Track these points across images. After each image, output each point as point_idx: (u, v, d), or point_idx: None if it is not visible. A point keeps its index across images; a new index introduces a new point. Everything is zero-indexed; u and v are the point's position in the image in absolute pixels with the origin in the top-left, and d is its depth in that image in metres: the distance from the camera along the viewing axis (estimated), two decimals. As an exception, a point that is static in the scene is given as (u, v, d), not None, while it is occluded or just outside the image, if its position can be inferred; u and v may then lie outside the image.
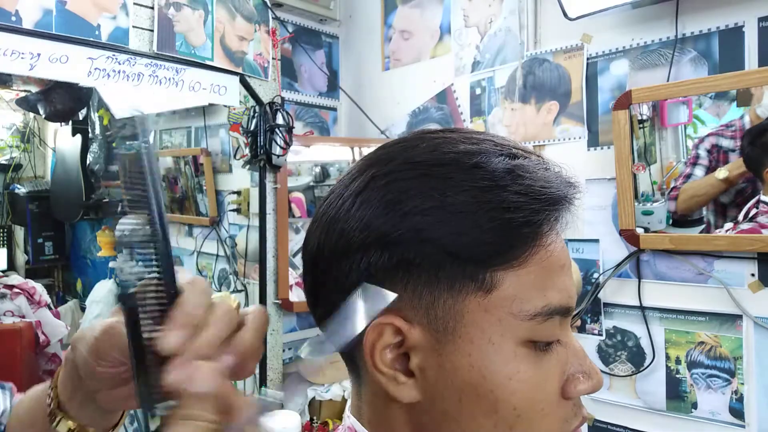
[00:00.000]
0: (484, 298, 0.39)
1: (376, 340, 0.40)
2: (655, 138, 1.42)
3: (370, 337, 0.40)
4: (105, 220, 2.71)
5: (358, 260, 0.40)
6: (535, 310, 0.39)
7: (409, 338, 0.40)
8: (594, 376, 0.43)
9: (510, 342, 0.39)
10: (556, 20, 1.50)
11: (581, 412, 0.43)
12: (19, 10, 1.24)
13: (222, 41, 1.65)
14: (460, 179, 0.39)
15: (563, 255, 0.42)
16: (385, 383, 0.41)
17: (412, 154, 0.42)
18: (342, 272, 0.41)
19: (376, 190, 0.41)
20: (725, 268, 1.28)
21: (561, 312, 0.41)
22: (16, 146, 3.05)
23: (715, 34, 1.29)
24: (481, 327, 0.39)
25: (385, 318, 0.40)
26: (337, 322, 0.43)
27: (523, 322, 0.39)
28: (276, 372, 1.84)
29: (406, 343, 0.40)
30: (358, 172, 0.43)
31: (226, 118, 1.87)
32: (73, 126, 2.69)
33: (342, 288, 0.41)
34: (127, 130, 0.37)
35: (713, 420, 1.31)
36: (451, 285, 0.39)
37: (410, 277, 0.39)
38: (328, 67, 2.09)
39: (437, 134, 0.44)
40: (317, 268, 0.44)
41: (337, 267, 0.41)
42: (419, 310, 0.40)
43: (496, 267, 0.39)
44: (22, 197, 2.90)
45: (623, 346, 1.45)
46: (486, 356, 0.39)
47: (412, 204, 0.39)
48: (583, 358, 0.43)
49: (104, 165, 2.69)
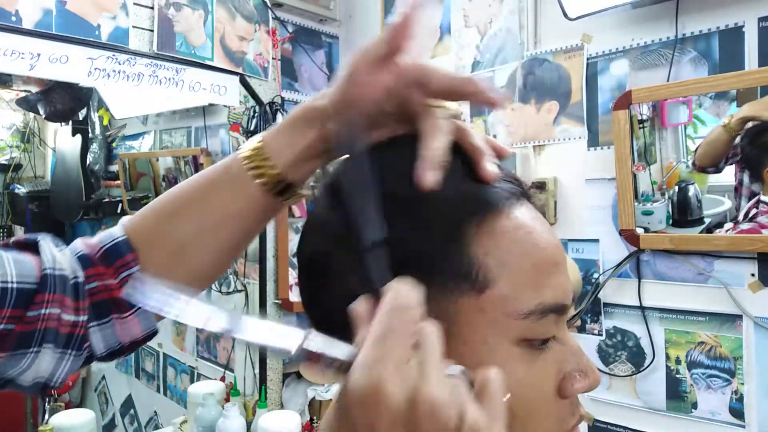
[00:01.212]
0: (477, 297, 0.39)
1: None
2: (655, 138, 1.42)
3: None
4: (105, 219, 2.71)
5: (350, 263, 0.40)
6: (528, 308, 0.39)
7: None
8: (591, 375, 0.43)
9: (504, 342, 0.39)
10: (556, 20, 1.50)
11: (579, 410, 0.43)
12: (19, 10, 1.24)
13: (222, 41, 1.65)
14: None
15: (557, 253, 0.42)
16: None
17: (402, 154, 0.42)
18: (334, 275, 0.41)
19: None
20: (725, 268, 1.28)
21: (556, 310, 0.40)
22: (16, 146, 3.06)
23: (715, 34, 1.29)
24: (474, 327, 0.39)
25: None
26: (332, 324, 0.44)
27: (517, 321, 0.39)
28: (276, 372, 1.84)
29: None
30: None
31: (226, 118, 1.87)
32: (73, 126, 2.69)
33: (335, 291, 0.41)
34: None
35: (713, 420, 1.31)
36: (443, 285, 0.39)
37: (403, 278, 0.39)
38: (328, 67, 2.09)
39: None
40: (311, 270, 0.44)
41: (330, 270, 0.41)
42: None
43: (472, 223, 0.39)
44: (22, 197, 2.90)
45: (623, 346, 1.45)
46: (480, 357, 0.39)
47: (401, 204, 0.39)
48: (580, 356, 0.43)
49: (104, 165, 2.69)
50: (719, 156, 1.34)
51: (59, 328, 0.46)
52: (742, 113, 1.27)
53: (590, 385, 0.42)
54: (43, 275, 0.45)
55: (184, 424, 1.80)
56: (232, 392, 1.79)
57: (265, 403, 1.75)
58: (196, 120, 2.13)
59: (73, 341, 0.47)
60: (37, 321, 0.44)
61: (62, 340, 0.46)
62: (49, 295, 0.45)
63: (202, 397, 1.69)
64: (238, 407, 1.67)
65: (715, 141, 1.33)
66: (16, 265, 0.44)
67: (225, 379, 1.93)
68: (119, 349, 0.51)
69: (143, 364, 2.44)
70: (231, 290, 1.91)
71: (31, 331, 0.44)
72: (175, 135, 2.29)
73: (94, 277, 0.48)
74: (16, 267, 0.44)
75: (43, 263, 0.46)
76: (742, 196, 1.34)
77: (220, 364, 2.00)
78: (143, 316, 0.50)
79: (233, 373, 1.92)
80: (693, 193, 1.39)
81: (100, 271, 0.48)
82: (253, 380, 1.83)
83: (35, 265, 0.45)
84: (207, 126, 2.06)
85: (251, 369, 1.83)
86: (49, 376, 0.47)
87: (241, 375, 1.86)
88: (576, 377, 0.42)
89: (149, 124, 2.47)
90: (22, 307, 0.44)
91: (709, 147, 1.35)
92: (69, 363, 0.48)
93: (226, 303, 1.96)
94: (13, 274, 0.44)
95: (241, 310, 1.84)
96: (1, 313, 0.42)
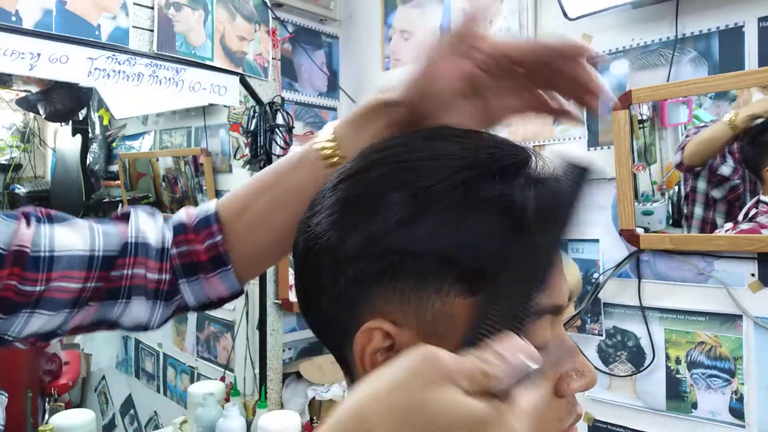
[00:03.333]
0: (472, 300, 0.39)
1: (366, 345, 0.40)
2: (655, 138, 1.42)
3: (360, 341, 0.40)
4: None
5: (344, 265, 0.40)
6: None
7: (399, 342, 0.39)
8: (587, 374, 0.43)
9: None
10: (556, 20, 1.49)
11: (576, 409, 0.43)
12: (19, 10, 1.24)
13: (222, 41, 1.66)
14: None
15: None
16: None
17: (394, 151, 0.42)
18: (329, 277, 0.41)
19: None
20: (725, 268, 1.28)
21: (551, 311, 0.40)
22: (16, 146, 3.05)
23: (715, 34, 1.29)
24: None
25: (374, 322, 0.39)
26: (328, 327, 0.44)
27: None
28: (276, 372, 1.84)
29: (396, 347, 0.40)
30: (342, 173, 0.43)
31: (226, 118, 1.87)
32: (73, 126, 2.69)
33: (330, 293, 0.41)
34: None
35: (713, 420, 1.31)
36: (439, 288, 0.39)
37: (398, 281, 0.38)
38: (328, 67, 2.09)
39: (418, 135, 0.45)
40: (305, 273, 0.44)
41: (325, 272, 0.41)
42: (408, 314, 0.39)
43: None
44: (22, 197, 2.90)
45: (623, 346, 1.45)
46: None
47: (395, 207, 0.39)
48: (576, 355, 0.43)
49: (104, 165, 2.69)
50: (714, 155, 1.33)
51: (147, 284, 0.58)
52: (750, 110, 1.26)
53: (587, 385, 0.42)
54: (124, 243, 0.57)
55: (184, 424, 1.80)
56: (232, 392, 1.79)
57: (265, 403, 1.75)
58: (196, 120, 2.13)
59: (161, 294, 0.59)
60: (121, 279, 0.57)
61: (151, 293, 0.58)
62: (130, 259, 0.57)
63: (202, 397, 1.69)
64: (238, 407, 1.67)
65: (714, 139, 1.32)
66: (105, 236, 0.57)
67: (225, 379, 1.93)
68: (209, 303, 0.62)
69: (143, 364, 2.44)
70: (231, 290, 1.91)
71: (117, 287, 0.57)
72: (175, 135, 2.29)
73: (184, 242, 0.59)
74: (104, 238, 0.56)
75: (128, 233, 0.57)
76: (696, 202, 1.35)
77: (220, 364, 2.00)
78: (226, 277, 0.60)
79: (233, 373, 1.92)
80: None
81: (191, 238, 0.59)
82: (253, 380, 1.83)
83: (121, 234, 0.57)
84: (207, 126, 2.06)
85: (251, 369, 1.83)
86: (146, 321, 0.60)
87: (241, 375, 1.86)
88: (572, 377, 0.42)
89: (149, 124, 2.47)
90: (106, 270, 0.56)
91: (705, 144, 1.34)
92: (160, 311, 0.60)
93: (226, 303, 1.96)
94: (101, 244, 0.56)
95: (242, 310, 1.85)
96: (91, 275, 0.55)
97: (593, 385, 0.43)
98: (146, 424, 2.38)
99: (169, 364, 2.28)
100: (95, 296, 0.56)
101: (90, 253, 0.55)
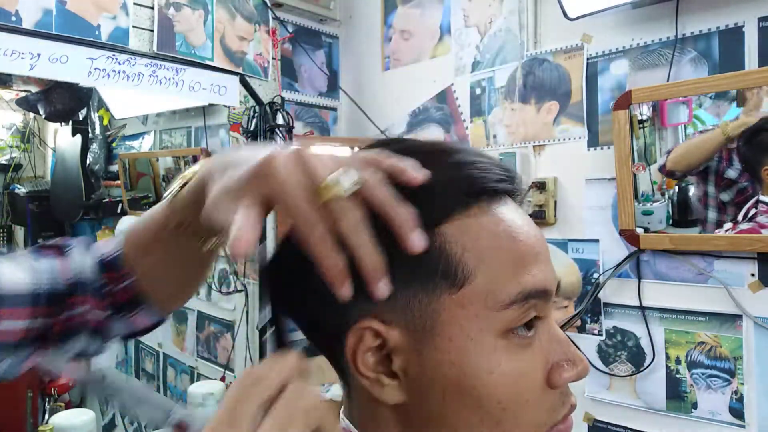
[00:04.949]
0: (457, 293, 0.39)
1: (357, 345, 0.40)
2: (655, 138, 1.42)
3: (351, 342, 0.40)
4: (105, 219, 2.71)
5: None
6: (510, 298, 0.39)
7: (388, 340, 0.40)
8: (579, 363, 0.43)
9: (489, 335, 0.39)
10: (556, 20, 1.49)
11: (569, 400, 0.43)
12: (19, 10, 1.24)
13: (222, 41, 1.66)
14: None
15: (537, 244, 0.42)
16: (369, 386, 0.41)
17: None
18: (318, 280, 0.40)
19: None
20: (725, 268, 1.28)
21: (537, 295, 0.40)
22: (16, 146, 3.05)
23: (715, 34, 1.29)
24: (458, 323, 0.39)
25: (363, 322, 0.40)
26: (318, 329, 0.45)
27: (500, 313, 0.39)
28: (276, 372, 1.84)
29: (386, 346, 0.40)
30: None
31: (226, 118, 1.87)
32: (73, 126, 2.68)
33: (319, 296, 0.41)
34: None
35: (713, 420, 1.31)
36: (424, 283, 0.39)
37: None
38: (328, 67, 2.09)
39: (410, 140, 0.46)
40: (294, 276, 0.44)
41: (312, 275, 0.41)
42: (396, 312, 0.39)
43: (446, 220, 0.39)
44: (22, 197, 2.90)
45: (623, 346, 1.45)
46: (465, 352, 0.39)
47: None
48: (567, 345, 0.43)
49: (104, 165, 2.69)
50: (702, 161, 1.33)
51: (90, 322, 0.59)
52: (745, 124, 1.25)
53: (579, 374, 0.42)
54: (72, 283, 0.57)
55: (184, 424, 1.80)
56: (232, 392, 1.79)
57: (265, 403, 1.75)
58: (196, 120, 2.13)
59: (99, 330, 0.60)
60: (72, 318, 0.57)
61: (92, 329, 0.59)
62: (78, 298, 0.57)
63: (202, 397, 1.69)
64: (238, 407, 1.66)
65: (705, 145, 1.32)
66: (48, 273, 0.56)
67: (225, 379, 1.93)
68: (137, 332, 0.64)
69: (143, 364, 2.44)
70: (231, 290, 1.91)
71: (70, 328, 0.57)
72: (175, 135, 2.29)
73: (110, 281, 0.59)
74: (47, 274, 0.56)
75: (71, 269, 0.58)
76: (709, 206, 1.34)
77: (220, 364, 2.00)
78: (148, 312, 0.61)
79: (233, 373, 1.92)
80: (693, 193, 1.39)
81: (113, 277, 0.59)
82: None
83: (65, 271, 0.57)
84: (207, 126, 2.06)
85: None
86: (84, 351, 0.61)
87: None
88: (564, 367, 0.42)
89: (149, 124, 2.47)
90: (53, 306, 0.55)
91: (694, 150, 1.34)
92: (97, 344, 0.61)
93: (227, 303, 1.96)
94: (45, 279, 0.55)
95: (242, 310, 1.85)
96: (38, 311, 0.54)
97: (585, 374, 0.43)
98: (146, 424, 2.38)
99: (169, 364, 2.28)
100: (50, 337, 0.56)
101: (35, 289, 0.54)
